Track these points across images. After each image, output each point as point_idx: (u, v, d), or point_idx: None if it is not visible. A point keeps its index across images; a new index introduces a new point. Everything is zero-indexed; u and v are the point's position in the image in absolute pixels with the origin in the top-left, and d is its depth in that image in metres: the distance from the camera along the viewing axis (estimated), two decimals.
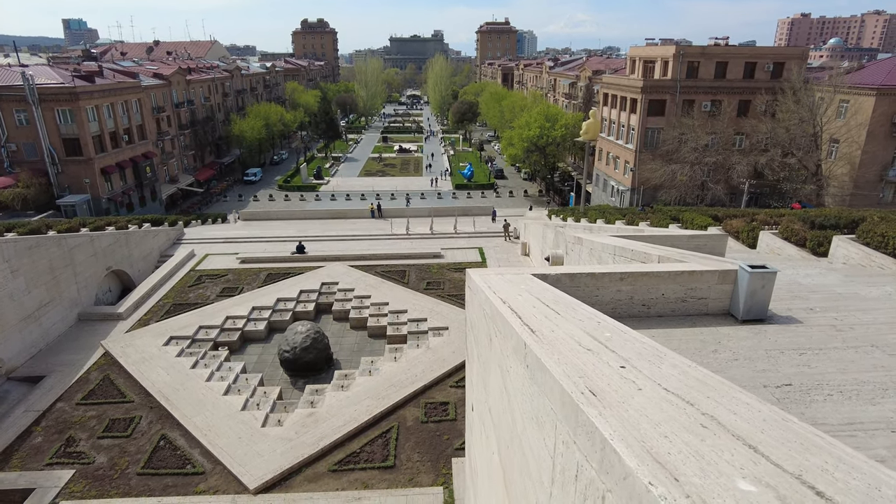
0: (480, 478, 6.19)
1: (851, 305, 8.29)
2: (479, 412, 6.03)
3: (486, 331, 5.22)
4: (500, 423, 4.43)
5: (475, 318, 6.24)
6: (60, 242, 25.26)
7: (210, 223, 48.43)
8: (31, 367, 22.26)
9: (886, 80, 44.83)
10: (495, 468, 4.83)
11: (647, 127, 53.12)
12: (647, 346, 3.14)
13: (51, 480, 16.21)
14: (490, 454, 5.18)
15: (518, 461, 3.68)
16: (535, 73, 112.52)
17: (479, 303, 5.65)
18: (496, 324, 4.51)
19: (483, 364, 5.49)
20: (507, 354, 4.02)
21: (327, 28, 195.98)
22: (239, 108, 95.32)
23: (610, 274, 6.81)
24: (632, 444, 1.94)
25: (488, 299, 4.97)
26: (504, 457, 4.26)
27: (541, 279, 6.42)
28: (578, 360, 2.91)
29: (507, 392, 4.10)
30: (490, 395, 5.04)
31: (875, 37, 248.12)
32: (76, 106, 50.76)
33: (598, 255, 11.43)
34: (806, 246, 14.87)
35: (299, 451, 17.12)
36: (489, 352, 5.00)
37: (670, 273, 7.01)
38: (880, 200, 45.96)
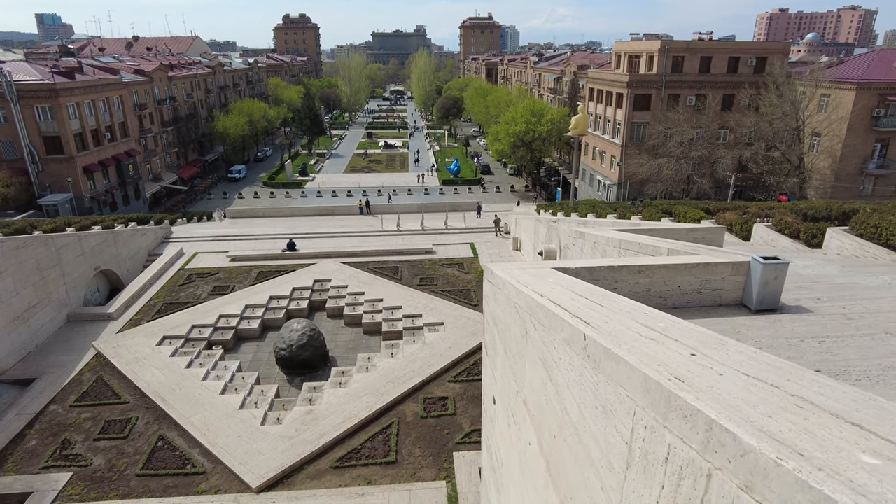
0: (507, 469, 6.27)
1: (856, 295, 8.51)
2: (506, 404, 6.10)
3: (518, 324, 5.28)
4: (542, 414, 4.50)
5: (500, 312, 6.30)
6: (48, 242, 24.82)
7: (196, 221, 47.89)
8: (21, 370, 21.88)
9: (866, 75, 45.75)
10: (532, 458, 4.90)
11: (633, 121, 53.60)
12: (706, 334, 3.24)
13: (48, 484, 15.99)
14: (524, 445, 5.25)
15: (573, 449, 3.76)
16: (520, 69, 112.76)
17: (508, 297, 5.71)
18: (535, 317, 4.57)
19: (514, 357, 5.55)
20: (554, 346, 4.08)
21: (309, 23, 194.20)
22: (222, 105, 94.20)
23: (628, 267, 6.92)
24: (741, 424, 2.02)
25: (522, 293, 5.03)
26: (549, 446, 4.33)
27: (562, 272, 6.51)
28: (647, 349, 2.99)
29: (553, 383, 4.17)
30: (525, 387, 5.11)
31: (850, 32, 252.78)
32: (56, 103, 49.75)
33: (602, 248, 11.54)
34: (800, 238, 15.20)
35: (300, 448, 17.09)
36: (524, 345, 5.06)
37: (686, 265, 7.13)
38: (861, 193, 46.97)
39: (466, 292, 28.21)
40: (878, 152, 47.21)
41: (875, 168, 47.11)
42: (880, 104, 45.44)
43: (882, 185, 47.78)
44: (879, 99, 45.32)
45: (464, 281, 29.76)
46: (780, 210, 18.09)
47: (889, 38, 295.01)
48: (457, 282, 29.66)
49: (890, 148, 47.10)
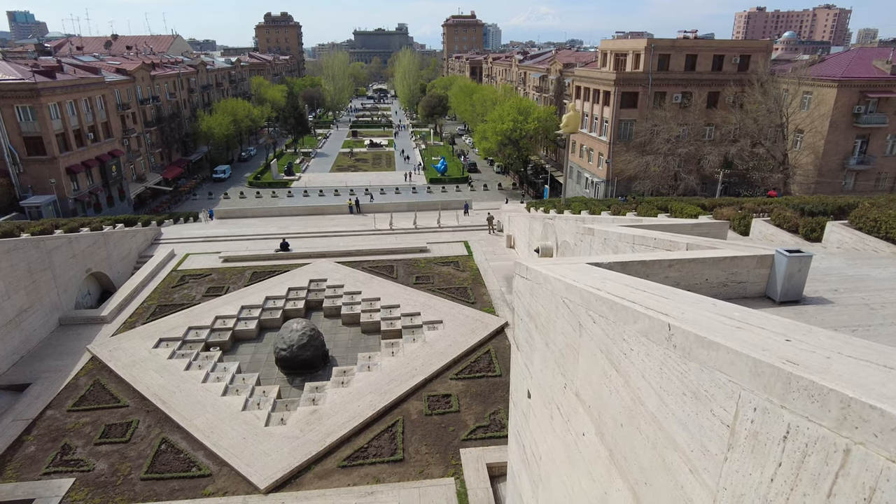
0: (548, 461, 6.35)
1: (870, 286, 8.75)
2: (548, 398, 6.19)
3: (568, 319, 5.37)
4: (602, 404, 4.60)
5: (540, 307, 6.39)
6: (39, 245, 24.37)
7: (182, 222, 47.29)
8: (15, 375, 21.49)
9: (846, 73, 46.74)
10: (588, 448, 5.00)
11: (621, 119, 54.12)
12: (786, 322, 3.36)
13: (50, 490, 15.75)
14: (574, 436, 5.35)
15: (649, 436, 3.86)
16: (505, 67, 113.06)
17: (552, 292, 5.80)
18: (594, 310, 4.66)
19: (561, 351, 5.64)
20: (623, 338, 4.18)
21: (291, 22, 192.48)
22: (205, 104, 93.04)
23: (660, 262, 7.05)
24: (883, 400, 2.13)
25: (574, 287, 5.12)
26: (614, 436, 4.43)
27: (596, 267, 6.62)
28: (740, 336, 3.10)
29: (620, 374, 4.27)
30: (577, 380, 5.20)
31: (826, 30, 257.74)
32: (37, 103, 48.74)
33: (614, 244, 11.67)
34: (799, 232, 15.55)
35: (306, 448, 17.04)
36: (577, 338, 5.16)
37: (714, 259, 7.29)
38: (843, 188, 48.00)
39: (463, 290, 28.30)
40: (859, 148, 48.27)
41: (856, 164, 48.17)
42: (860, 101, 46.46)
43: (863, 181, 48.89)
44: (860, 96, 46.34)
45: (460, 279, 29.84)
46: (777, 205, 18.47)
47: (862, 36, 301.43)
48: (453, 280, 29.73)
49: (870, 144, 48.19)
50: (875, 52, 52.13)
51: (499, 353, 22.47)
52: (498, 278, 29.74)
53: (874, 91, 46.10)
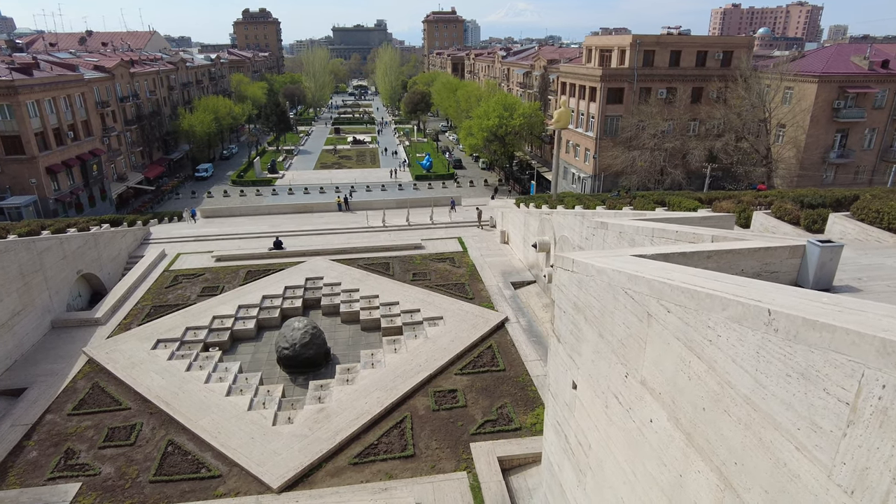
0: (601, 450, 6.47)
1: (891, 274, 9.04)
2: (601, 388, 6.30)
3: (631, 309, 5.48)
4: (677, 391, 4.72)
5: (592, 299, 6.49)
6: (29, 246, 23.83)
7: (167, 222, 46.55)
8: (9, 380, 21.01)
9: (826, 68, 47.83)
10: (656, 434, 5.12)
11: (607, 115, 54.62)
12: (879, 304, 3.50)
13: (57, 495, 15.48)
14: (638, 424, 5.46)
15: (741, 418, 3.99)
16: (487, 63, 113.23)
17: (610, 283, 5.90)
18: (669, 299, 4.77)
19: (621, 341, 5.75)
20: (707, 326, 4.30)
21: (270, 18, 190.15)
22: (185, 102, 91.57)
23: (699, 253, 7.21)
24: None
25: (641, 278, 5.23)
26: (693, 420, 4.55)
27: (641, 258, 6.75)
28: (848, 318, 3.23)
29: (703, 360, 4.39)
30: (643, 368, 5.32)
31: (799, 27, 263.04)
32: (15, 101, 47.48)
33: (630, 237, 11.84)
34: (800, 224, 15.92)
35: (316, 446, 16.99)
36: (644, 328, 5.27)
37: (750, 250, 7.47)
38: (823, 181, 49.16)
39: (461, 286, 28.38)
40: (839, 142, 49.47)
41: (836, 157, 49.34)
42: (840, 96, 47.59)
43: (842, 174, 50.12)
44: (839, 91, 47.46)
45: (456, 275, 29.91)
46: (778, 198, 18.89)
47: (833, 33, 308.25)
48: (450, 276, 29.79)
49: (849, 138, 49.40)
50: (853, 48, 53.42)
51: (501, 348, 22.63)
52: (494, 274, 29.89)
53: (853, 86, 47.25)
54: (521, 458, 16.82)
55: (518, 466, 16.77)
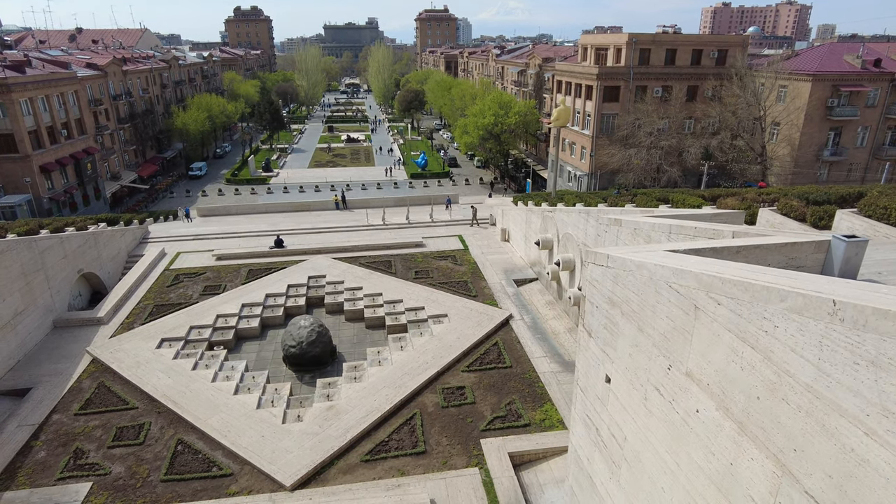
0: (640, 441, 6.57)
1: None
2: (640, 380, 6.40)
3: (676, 302, 5.58)
4: (728, 381, 4.84)
5: (629, 293, 6.58)
6: (31, 245, 23.65)
7: (162, 221, 46.31)
8: (13, 380, 20.85)
9: (820, 67, 48.33)
10: (704, 424, 5.23)
11: (603, 113, 54.87)
12: None
13: (68, 495, 15.40)
14: (682, 415, 5.57)
15: (800, 405, 4.11)
16: (481, 61, 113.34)
17: (652, 277, 6.00)
18: (720, 292, 4.88)
19: (665, 334, 5.85)
20: (763, 316, 4.41)
21: (262, 16, 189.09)
22: (178, 100, 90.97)
23: (728, 248, 7.33)
24: None
25: (688, 272, 5.33)
26: (747, 409, 4.67)
27: (674, 253, 6.86)
28: None
29: (758, 351, 4.51)
30: (689, 360, 5.42)
31: (788, 26, 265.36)
32: (8, 99, 46.99)
33: (646, 234, 11.95)
34: (807, 221, 16.14)
35: (328, 444, 17.02)
36: (691, 320, 5.37)
37: (777, 245, 7.60)
38: (818, 179, 49.69)
39: (463, 284, 28.46)
40: (832, 140, 50.02)
41: (830, 155, 49.89)
42: (833, 94, 48.11)
43: (836, 171, 50.69)
44: (833, 89, 47.98)
45: (459, 273, 29.99)
46: (783, 195, 19.14)
47: (821, 32, 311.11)
48: (452, 274, 29.87)
49: (843, 136, 49.97)
50: (846, 47, 54.01)
51: (507, 345, 22.74)
52: (496, 271, 30.00)
53: (846, 85, 47.78)
54: (531, 453, 16.95)
55: (529, 462, 16.90)
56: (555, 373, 20.79)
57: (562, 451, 17.12)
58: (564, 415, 18.45)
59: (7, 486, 15.78)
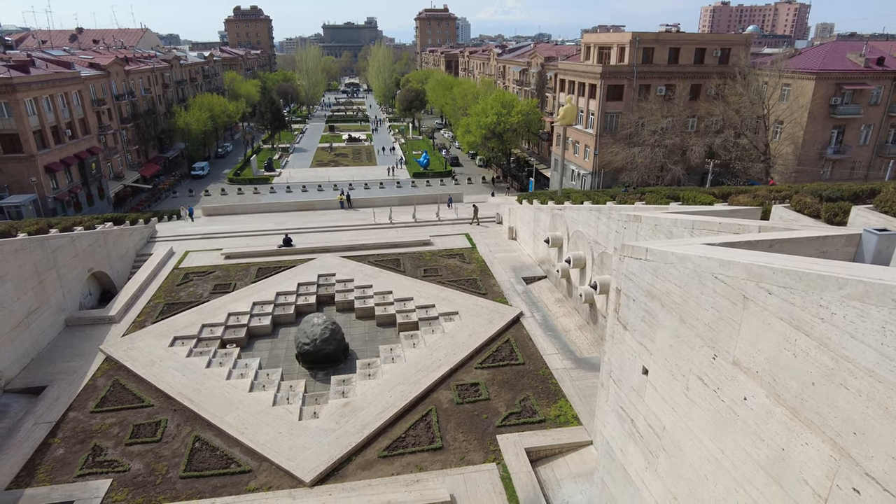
0: (680, 430, 6.67)
1: None
2: (682, 371, 6.50)
3: (723, 293, 5.69)
4: (780, 368, 4.95)
5: (671, 285, 6.69)
6: (43, 244, 23.74)
7: (166, 220, 46.32)
8: (28, 378, 20.94)
9: (823, 65, 48.47)
10: (754, 411, 5.34)
11: (607, 111, 54.97)
12: None
13: (88, 492, 15.51)
14: (728, 403, 5.68)
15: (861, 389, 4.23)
16: (483, 61, 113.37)
17: (696, 269, 6.11)
18: (772, 281, 4.99)
19: (710, 324, 5.96)
20: (819, 304, 4.52)
21: (261, 15, 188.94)
22: (180, 100, 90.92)
23: (762, 241, 7.44)
24: None
25: (736, 263, 5.44)
26: (801, 395, 4.78)
27: (710, 246, 6.97)
28: None
29: (812, 338, 4.63)
30: (736, 349, 5.54)
31: (787, 24, 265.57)
32: (14, 98, 46.97)
33: (668, 229, 12.05)
34: (821, 217, 16.24)
35: (345, 440, 17.13)
36: (738, 311, 5.48)
37: (808, 238, 7.71)
38: (821, 177, 49.84)
39: (473, 282, 28.56)
40: (836, 138, 50.17)
41: (833, 153, 50.04)
42: (837, 93, 48.26)
43: (839, 169, 50.85)
44: (836, 88, 48.12)
45: (467, 271, 30.09)
46: (793, 192, 19.24)
47: (820, 31, 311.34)
48: (461, 272, 29.97)
49: (846, 134, 50.12)
50: (848, 45, 54.16)
51: (518, 342, 22.84)
52: (505, 269, 30.10)
53: (849, 83, 47.93)
54: (547, 449, 17.06)
55: (545, 457, 17.01)
56: (567, 369, 20.90)
57: (578, 446, 17.25)
58: (579, 411, 18.57)
59: (28, 482, 15.87)
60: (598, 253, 22.33)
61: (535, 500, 15.01)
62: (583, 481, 16.03)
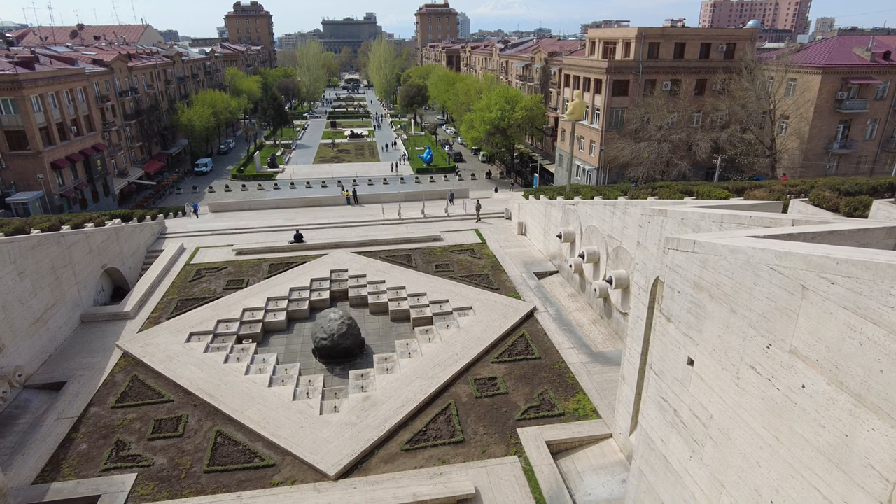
0: (729, 419, 6.78)
1: None
2: (737, 359, 6.60)
3: (780, 283, 5.79)
4: (844, 357, 5.06)
5: (721, 277, 6.78)
6: (59, 240, 23.82)
7: (172, 217, 46.37)
8: (47, 374, 21.04)
9: (829, 60, 48.47)
10: (814, 398, 5.44)
11: (612, 107, 55.00)
12: None
13: (114, 486, 15.62)
14: (784, 391, 5.78)
15: None
16: (485, 56, 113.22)
17: (749, 261, 6.20)
18: (831, 271, 5.11)
19: (765, 314, 6.06)
20: (890, 293, 4.62)
21: (261, 11, 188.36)
22: (182, 96, 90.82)
23: (804, 234, 7.54)
24: None
25: (795, 254, 5.54)
26: (866, 382, 4.89)
27: (755, 238, 7.06)
28: None
29: (880, 326, 4.73)
30: (796, 338, 5.64)
31: (788, 19, 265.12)
32: (20, 95, 46.98)
33: (695, 223, 12.11)
34: (840, 211, 16.33)
35: (367, 434, 17.24)
36: (796, 300, 5.59)
37: (849, 231, 7.80)
38: (826, 171, 49.92)
39: (485, 277, 28.66)
40: (842, 133, 50.22)
41: (839, 148, 50.10)
42: (843, 87, 48.29)
43: (844, 164, 50.92)
44: (842, 82, 48.14)
45: (479, 266, 30.18)
46: (810, 186, 19.37)
47: (820, 25, 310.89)
48: (472, 267, 30.06)
49: (851, 129, 50.17)
50: (854, 40, 54.13)
51: (534, 337, 22.96)
52: (516, 265, 30.20)
53: (856, 77, 47.95)
54: (567, 442, 17.19)
55: (565, 450, 17.14)
56: (584, 364, 21.02)
57: (597, 439, 17.39)
58: (597, 404, 18.69)
59: (53, 477, 15.99)
60: (612, 248, 22.42)
61: (558, 492, 15.14)
62: (604, 474, 16.17)
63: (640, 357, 15.05)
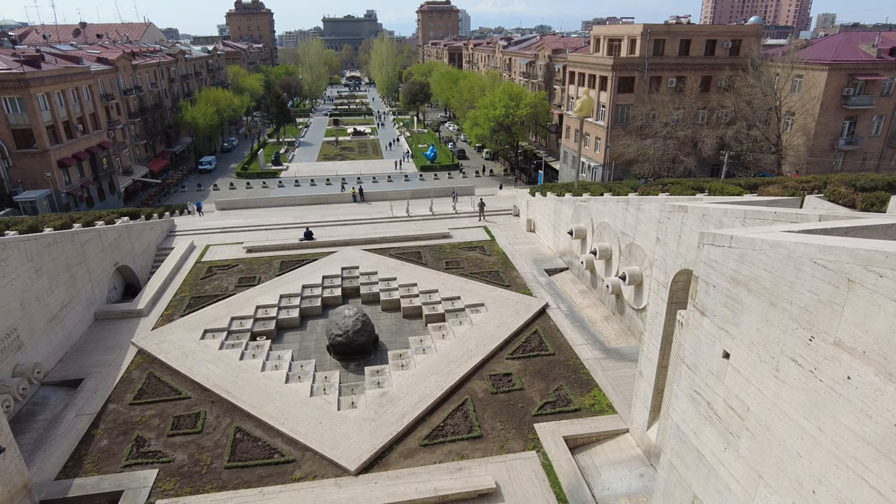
0: (768, 411, 6.89)
1: None
2: (777, 352, 6.70)
3: (823, 277, 5.90)
4: (892, 346, 5.18)
5: (760, 271, 6.88)
6: (73, 238, 23.93)
7: (178, 215, 46.45)
8: (63, 371, 21.19)
9: (835, 56, 48.47)
10: (860, 390, 5.55)
11: (618, 104, 55.01)
12: None
13: (136, 481, 15.76)
14: (827, 383, 5.89)
15: None
16: (487, 53, 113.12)
17: (790, 255, 6.30)
18: (879, 264, 5.22)
19: (808, 307, 6.17)
20: None
21: (263, 9, 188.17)
22: (185, 94, 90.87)
23: (837, 229, 7.64)
24: None
25: (840, 248, 5.65)
26: None
27: (791, 233, 7.16)
28: None
29: None
30: (840, 330, 5.76)
31: (789, 15, 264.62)
32: (27, 94, 47.04)
33: (717, 219, 12.19)
34: (856, 206, 16.45)
35: (386, 429, 17.37)
36: (841, 293, 5.70)
37: (882, 226, 7.90)
38: (832, 168, 49.96)
39: (495, 274, 28.75)
40: (848, 129, 50.24)
41: (844, 144, 50.12)
42: (849, 84, 48.29)
43: (850, 160, 50.95)
44: (848, 79, 48.15)
45: (489, 263, 30.28)
46: (827, 183, 19.47)
47: (822, 21, 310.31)
48: (482, 264, 30.15)
49: (857, 125, 50.18)
50: (860, 36, 54.10)
51: (547, 333, 23.06)
52: (526, 261, 30.29)
53: (862, 74, 47.96)
54: (584, 437, 17.32)
55: (582, 445, 17.26)
56: (598, 359, 21.13)
57: (614, 434, 17.50)
58: (613, 400, 18.80)
59: (76, 472, 16.13)
60: (625, 244, 22.51)
61: (577, 486, 15.27)
62: (622, 468, 16.29)
63: (659, 352, 15.16)
